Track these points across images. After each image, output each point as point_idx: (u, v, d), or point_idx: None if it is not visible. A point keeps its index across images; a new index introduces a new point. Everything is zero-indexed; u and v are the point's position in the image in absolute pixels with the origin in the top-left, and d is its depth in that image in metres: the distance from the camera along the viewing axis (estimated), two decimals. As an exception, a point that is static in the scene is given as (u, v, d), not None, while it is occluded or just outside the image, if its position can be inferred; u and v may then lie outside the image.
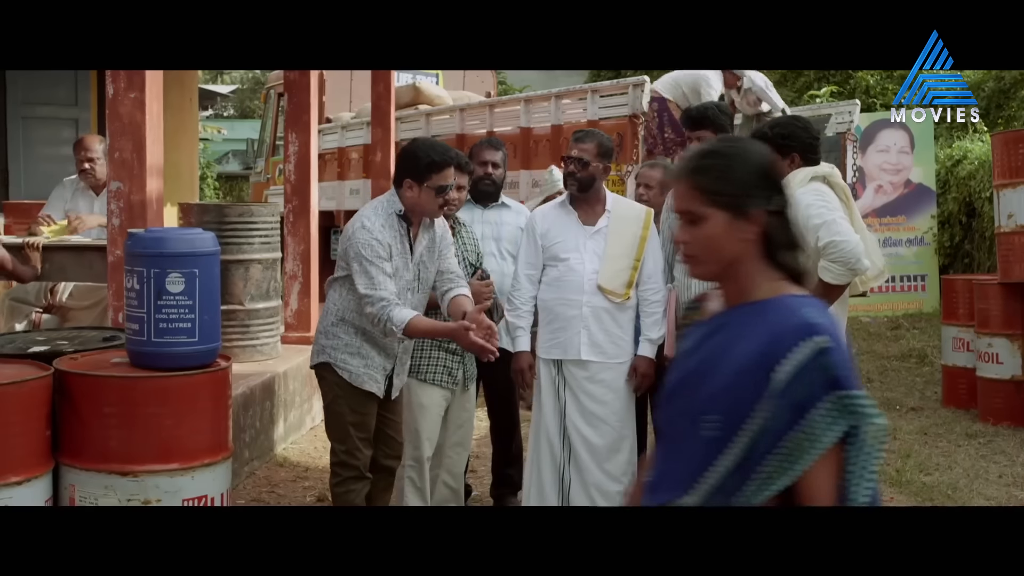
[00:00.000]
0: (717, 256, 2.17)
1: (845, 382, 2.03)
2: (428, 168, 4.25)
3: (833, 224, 4.03)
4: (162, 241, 3.97)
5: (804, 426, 2.02)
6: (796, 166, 4.33)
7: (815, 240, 4.07)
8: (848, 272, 4.05)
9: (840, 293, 4.17)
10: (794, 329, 2.06)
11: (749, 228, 2.15)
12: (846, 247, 4.00)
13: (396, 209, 4.32)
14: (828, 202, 4.14)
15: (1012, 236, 7.42)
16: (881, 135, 13.32)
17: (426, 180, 4.25)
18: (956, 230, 12.86)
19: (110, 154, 5.08)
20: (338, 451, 4.45)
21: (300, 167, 7.70)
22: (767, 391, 2.04)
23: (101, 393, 3.87)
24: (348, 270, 4.30)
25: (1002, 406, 7.47)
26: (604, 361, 4.84)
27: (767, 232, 2.16)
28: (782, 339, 2.05)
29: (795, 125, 4.42)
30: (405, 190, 4.30)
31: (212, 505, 3.98)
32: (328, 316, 4.43)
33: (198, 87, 12.47)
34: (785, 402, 2.03)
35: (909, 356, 10.38)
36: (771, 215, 2.17)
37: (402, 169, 4.34)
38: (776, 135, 4.36)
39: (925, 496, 5.79)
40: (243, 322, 6.71)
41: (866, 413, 2.02)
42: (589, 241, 4.85)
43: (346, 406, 4.41)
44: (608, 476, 4.88)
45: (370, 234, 4.22)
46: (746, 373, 2.06)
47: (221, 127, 28.55)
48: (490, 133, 9.69)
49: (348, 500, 4.43)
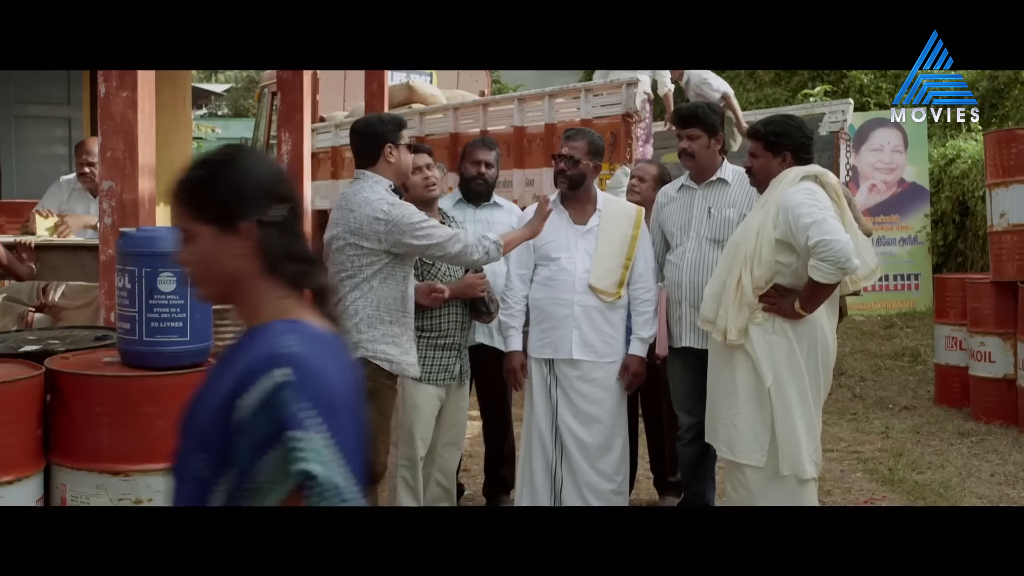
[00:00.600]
0: (213, 275, 1.99)
1: (294, 422, 1.80)
2: (396, 127, 4.39)
3: (823, 223, 4.04)
4: (154, 240, 3.96)
5: (259, 469, 1.83)
6: (787, 164, 4.34)
7: (805, 239, 4.07)
8: (838, 271, 4.05)
9: (829, 292, 4.18)
10: (262, 360, 1.86)
11: (240, 243, 1.96)
12: (836, 246, 4.00)
13: (387, 185, 4.35)
14: (818, 201, 4.14)
15: (1004, 235, 7.43)
16: (875, 134, 13.34)
17: (399, 139, 4.37)
18: (949, 229, 12.88)
19: (102, 153, 5.07)
20: None
21: (293, 166, 7.69)
22: (232, 427, 1.85)
23: (92, 392, 3.86)
24: (380, 263, 4.26)
25: (994, 405, 7.48)
26: (595, 360, 4.85)
27: (262, 246, 1.97)
28: (251, 371, 1.85)
29: (788, 124, 4.42)
30: (386, 158, 4.36)
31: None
32: (355, 315, 4.28)
33: (192, 86, 12.45)
34: (246, 440, 1.83)
35: (902, 355, 10.40)
36: (266, 226, 1.96)
37: (374, 142, 4.38)
38: (768, 132, 4.37)
39: (917, 495, 5.80)
40: (235, 321, 6.70)
41: (303, 459, 1.80)
42: (580, 240, 4.86)
43: (375, 410, 4.29)
44: (600, 475, 4.89)
45: (402, 205, 4.27)
46: (222, 408, 1.87)
47: (215, 126, 28.51)
48: (483, 132, 9.66)
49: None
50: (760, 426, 4.26)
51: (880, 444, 7.04)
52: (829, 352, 4.33)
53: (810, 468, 4.26)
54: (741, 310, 4.25)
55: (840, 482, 6.14)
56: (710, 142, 4.82)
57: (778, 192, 4.25)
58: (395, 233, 4.21)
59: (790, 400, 4.22)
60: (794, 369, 4.23)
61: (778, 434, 4.23)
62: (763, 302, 4.24)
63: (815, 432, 4.30)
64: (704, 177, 4.89)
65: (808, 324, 4.23)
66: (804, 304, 4.17)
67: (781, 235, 4.18)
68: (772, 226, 4.20)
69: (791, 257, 4.20)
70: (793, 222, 4.12)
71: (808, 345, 4.25)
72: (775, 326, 4.24)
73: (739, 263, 4.28)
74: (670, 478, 5.56)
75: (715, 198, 4.87)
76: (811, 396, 4.27)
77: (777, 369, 4.22)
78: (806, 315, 4.19)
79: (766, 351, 4.23)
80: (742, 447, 4.31)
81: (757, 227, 4.27)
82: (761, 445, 4.26)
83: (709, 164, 4.87)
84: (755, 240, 4.25)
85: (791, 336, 4.23)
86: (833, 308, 4.40)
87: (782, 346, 4.23)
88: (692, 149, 4.83)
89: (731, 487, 4.50)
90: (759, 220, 4.28)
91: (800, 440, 4.23)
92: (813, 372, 4.27)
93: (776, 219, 4.19)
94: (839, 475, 6.29)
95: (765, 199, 4.33)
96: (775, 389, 4.22)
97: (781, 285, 4.24)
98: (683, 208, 4.92)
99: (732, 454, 4.37)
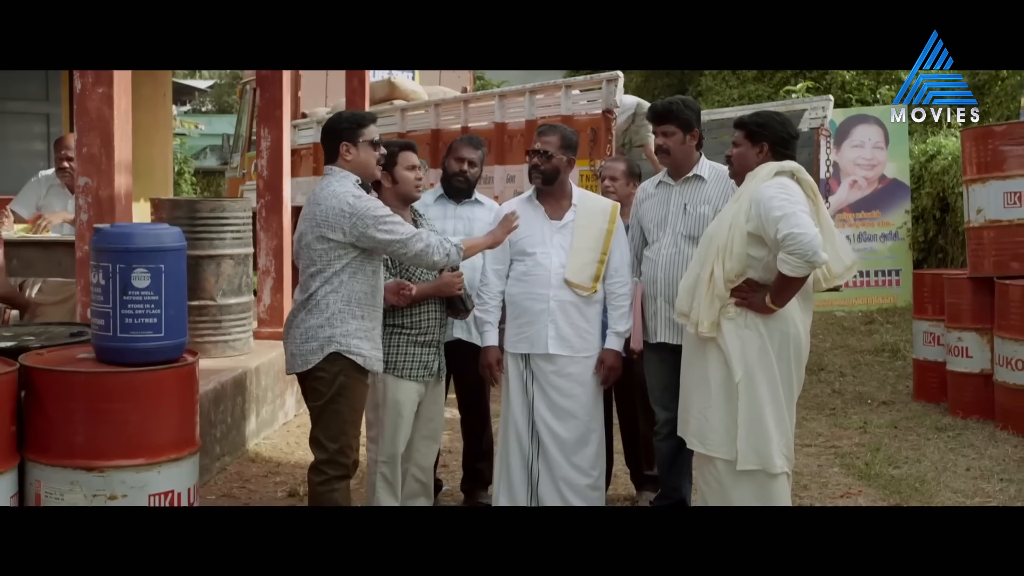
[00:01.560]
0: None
1: None
2: (355, 126, 4.42)
3: (792, 216, 4.06)
4: (127, 236, 3.97)
5: None
6: (765, 156, 4.37)
7: (774, 232, 4.10)
8: (806, 264, 4.07)
9: (799, 286, 4.20)
10: None
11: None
12: (803, 239, 4.03)
13: (355, 180, 4.38)
14: (790, 196, 4.17)
15: (981, 231, 7.48)
16: (856, 130, 13.38)
17: (358, 136, 4.38)
18: (930, 225, 12.94)
19: (78, 149, 5.08)
20: (329, 448, 4.35)
21: (272, 162, 7.69)
22: None
23: (66, 388, 3.87)
24: (348, 256, 4.28)
25: (971, 399, 7.52)
26: (571, 355, 4.87)
27: None
28: None
29: (773, 117, 4.48)
30: (343, 156, 4.39)
31: (178, 499, 3.99)
32: (326, 309, 4.30)
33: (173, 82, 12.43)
34: None
35: (882, 350, 10.45)
36: None
37: (334, 140, 4.42)
38: (751, 122, 4.43)
39: (893, 489, 5.83)
40: (215, 317, 6.71)
41: None
42: (556, 235, 4.88)
43: (346, 404, 4.34)
44: (576, 469, 4.91)
45: (368, 199, 4.32)
46: None
47: (199, 122, 28.45)
48: (465, 128, 9.70)
49: (331, 499, 4.35)
50: (731, 420, 4.28)
51: (858, 439, 7.07)
52: (802, 347, 4.35)
53: (780, 462, 4.28)
54: (713, 303, 4.27)
55: (817, 476, 6.17)
56: (685, 138, 4.84)
57: (752, 186, 4.28)
58: (360, 226, 4.23)
59: (760, 395, 4.24)
60: (765, 364, 4.25)
61: (748, 428, 4.25)
62: (735, 296, 4.26)
63: (786, 427, 4.32)
64: (680, 173, 4.91)
65: (780, 319, 4.26)
66: (774, 298, 4.19)
67: (753, 228, 4.21)
68: (745, 219, 4.23)
69: (763, 251, 4.22)
70: (764, 215, 4.14)
71: (780, 340, 4.27)
72: (747, 320, 4.26)
73: (712, 256, 4.31)
74: (646, 472, 5.58)
75: (691, 194, 4.89)
76: (782, 391, 4.28)
77: (748, 364, 4.24)
78: (777, 309, 4.22)
79: (737, 345, 4.25)
80: (713, 440, 4.34)
81: (730, 220, 4.29)
82: (732, 438, 4.28)
83: (685, 160, 4.89)
84: (728, 233, 4.27)
85: (763, 331, 4.25)
86: (808, 304, 4.42)
87: (753, 341, 4.25)
88: (667, 145, 4.84)
89: (702, 480, 4.52)
90: (732, 213, 4.31)
91: (770, 434, 4.25)
92: (785, 367, 4.28)
93: (749, 212, 4.22)
94: (816, 469, 6.32)
95: (740, 192, 4.36)
96: (745, 383, 4.24)
97: (753, 279, 4.26)
98: (660, 204, 4.94)
99: (703, 447, 4.39)
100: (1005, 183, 7.27)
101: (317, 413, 4.39)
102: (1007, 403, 7.13)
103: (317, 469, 4.38)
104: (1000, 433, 7.02)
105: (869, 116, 13.57)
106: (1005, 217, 7.29)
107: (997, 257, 7.35)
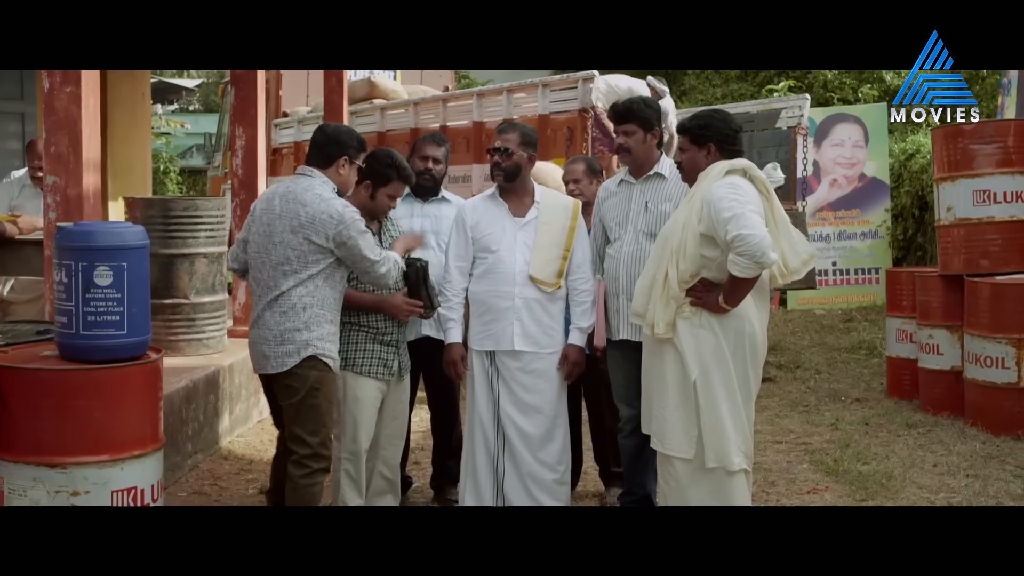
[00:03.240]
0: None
1: None
2: (359, 147, 4.62)
3: (742, 217, 4.09)
4: (90, 235, 4.00)
5: None
6: (713, 157, 4.41)
7: (724, 233, 4.13)
8: (755, 265, 4.10)
9: (751, 285, 4.23)
10: None
11: None
12: (752, 240, 4.06)
13: (333, 188, 4.51)
14: (740, 195, 4.19)
15: (951, 229, 7.53)
16: (836, 129, 13.47)
17: (356, 158, 4.59)
18: (909, 223, 13.01)
19: (46, 148, 5.10)
20: (311, 443, 4.43)
21: (247, 161, 7.72)
22: None
23: (29, 386, 3.90)
24: (325, 261, 4.41)
25: (942, 396, 7.58)
26: (537, 351, 4.92)
27: None
28: None
29: (713, 117, 4.50)
30: (338, 168, 4.54)
31: (142, 496, 4.02)
32: (303, 312, 4.40)
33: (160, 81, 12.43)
34: None
35: (859, 348, 10.53)
36: None
37: (336, 149, 4.55)
38: (693, 126, 4.46)
39: (859, 485, 5.88)
40: (188, 316, 6.74)
41: None
42: (519, 233, 4.93)
43: (323, 398, 4.47)
44: (542, 465, 4.95)
45: (355, 211, 4.47)
46: None
47: (184, 121, 28.37)
48: (443, 127, 9.73)
49: (313, 492, 4.45)
50: (688, 419, 4.32)
51: (829, 436, 7.12)
52: (758, 345, 4.38)
53: (738, 460, 4.32)
54: (668, 304, 4.31)
55: (786, 472, 6.22)
56: (646, 137, 4.89)
57: (704, 186, 4.31)
58: (344, 235, 4.35)
59: (716, 393, 4.28)
60: (720, 362, 4.29)
61: (704, 427, 4.29)
62: (690, 296, 4.30)
63: (743, 424, 4.36)
64: (642, 172, 4.95)
65: (735, 318, 4.29)
66: (727, 298, 4.23)
67: (705, 229, 4.24)
68: (697, 220, 4.26)
69: (715, 251, 4.26)
70: (714, 216, 4.18)
71: (735, 339, 4.30)
72: (701, 320, 4.29)
73: (667, 257, 4.35)
74: (614, 468, 5.62)
75: (652, 192, 4.93)
76: (738, 389, 4.32)
77: (703, 363, 4.28)
78: (731, 309, 4.26)
79: (692, 344, 4.29)
80: (671, 439, 4.37)
81: (683, 221, 4.33)
82: (690, 437, 4.32)
83: (646, 159, 4.93)
84: (681, 234, 4.31)
85: (717, 330, 4.29)
86: (763, 301, 4.45)
87: (708, 340, 4.29)
88: (628, 144, 4.89)
89: (662, 478, 4.56)
90: (685, 214, 4.35)
91: (727, 433, 4.29)
92: (741, 366, 4.32)
93: (701, 213, 4.25)
94: (786, 466, 6.37)
95: (693, 192, 4.40)
96: (701, 382, 4.27)
97: (707, 279, 4.30)
98: (622, 202, 4.99)
99: (662, 446, 4.43)
100: (974, 181, 7.33)
101: (294, 410, 4.47)
102: (976, 400, 7.20)
103: (300, 463, 4.45)
104: (969, 429, 7.08)
105: (849, 115, 13.65)
106: (975, 215, 7.35)
107: (967, 255, 7.41)
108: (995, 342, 7.03)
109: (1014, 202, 7.23)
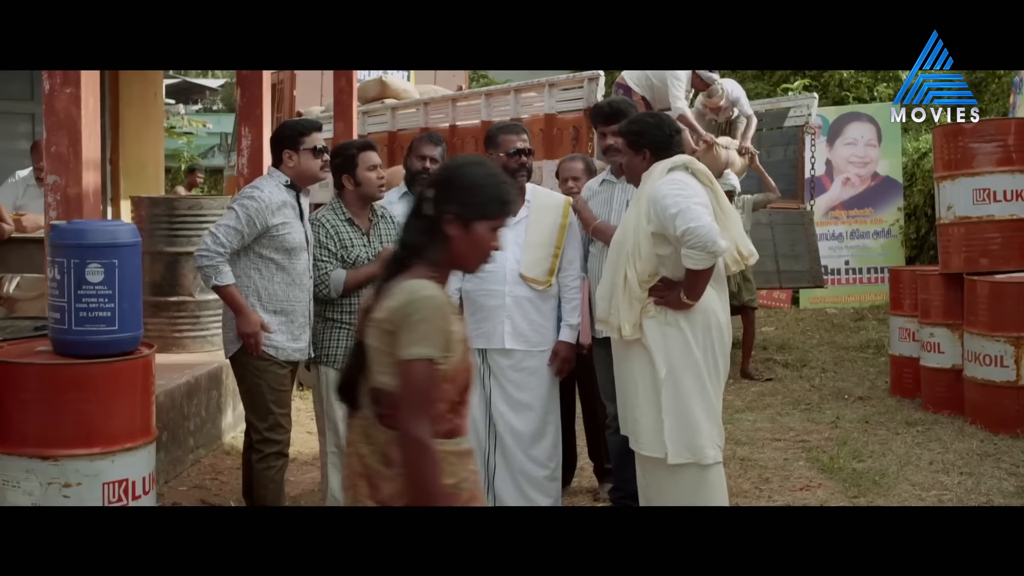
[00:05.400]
0: None
1: None
2: (298, 134, 4.73)
3: (687, 211, 4.14)
4: (82, 232, 4.10)
5: None
6: (648, 162, 4.45)
7: (674, 229, 4.18)
8: (708, 256, 4.16)
9: (708, 277, 4.28)
10: None
11: None
12: (700, 231, 4.11)
13: (282, 181, 4.72)
14: (683, 190, 4.24)
15: (951, 227, 7.54)
16: (849, 128, 13.47)
17: (299, 144, 4.71)
18: (922, 222, 12.98)
19: (46, 148, 5.18)
20: (260, 429, 4.64)
21: (253, 161, 7.78)
22: None
23: (22, 380, 4.00)
24: (242, 245, 4.63)
25: (943, 395, 7.59)
26: (528, 349, 4.98)
27: None
28: None
29: (647, 122, 4.52)
30: (285, 162, 4.72)
31: (133, 488, 4.11)
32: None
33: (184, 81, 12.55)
34: None
35: (867, 347, 10.52)
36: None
37: (276, 146, 4.78)
38: (627, 132, 4.52)
39: (853, 482, 5.91)
40: (193, 313, 6.85)
41: None
42: (510, 231, 4.97)
43: (265, 384, 4.64)
44: (533, 462, 5.01)
45: (248, 199, 4.65)
46: None
47: (206, 121, 28.62)
48: (453, 127, 9.83)
49: (269, 477, 4.62)
50: (659, 417, 4.36)
51: (828, 433, 7.15)
52: (724, 335, 4.42)
53: (712, 453, 4.36)
54: (632, 305, 4.36)
55: (781, 469, 6.26)
56: (632, 137, 4.94)
57: (648, 186, 4.36)
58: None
59: (687, 389, 4.32)
60: (689, 358, 4.33)
61: (676, 423, 4.32)
62: (652, 295, 4.35)
63: (716, 417, 4.41)
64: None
65: (700, 312, 4.33)
66: (688, 293, 4.27)
67: (655, 228, 4.29)
68: (646, 220, 4.31)
69: (668, 248, 4.30)
70: (661, 213, 4.23)
71: (703, 332, 4.35)
72: (667, 317, 4.34)
73: (623, 261, 4.39)
74: (606, 465, 5.67)
75: (634, 191, 4.98)
76: (708, 382, 4.37)
77: (672, 359, 4.33)
78: (694, 303, 4.31)
79: (661, 342, 4.33)
80: (644, 439, 4.42)
81: (634, 223, 4.38)
82: (662, 436, 4.37)
83: (632, 158, 4.98)
84: (633, 236, 4.36)
85: (684, 326, 4.33)
86: (722, 289, 4.48)
87: (676, 336, 4.33)
88: (616, 144, 4.94)
89: (641, 476, 4.61)
90: (635, 216, 4.39)
91: (700, 427, 4.33)
92: (710, 358, 4.37)
93: (649, 213, 4.30)
94: (782, 463, 6.41)
95: (639, 194, 4.45)
96: (670, 379, 4.31)
97: (668, 278, 4.34)
98: (604, 202, 5.05)
99: (638, 446, 4.49)
100: (974, 180, 7.34)
101: (244, 396, 4.73)
102: (975, 398, 7.21)
103: (254, 448, 4.68)
104: (968, 428, 7.09)
105: (862, 114, 13.65)
106: (975, 214, 7.36)
107: (967, 253, 7.42)
108: (994, 340, 7.04)
109: (1014, 200, 7.24)
